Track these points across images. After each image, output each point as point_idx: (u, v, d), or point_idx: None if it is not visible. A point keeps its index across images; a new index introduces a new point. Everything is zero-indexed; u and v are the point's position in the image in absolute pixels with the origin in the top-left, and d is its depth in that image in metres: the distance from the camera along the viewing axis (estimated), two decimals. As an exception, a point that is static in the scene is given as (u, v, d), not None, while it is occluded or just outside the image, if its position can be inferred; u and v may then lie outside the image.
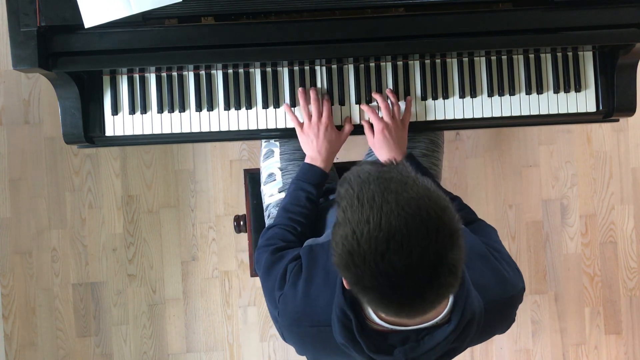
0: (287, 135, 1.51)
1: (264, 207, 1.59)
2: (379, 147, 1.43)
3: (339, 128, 1.47)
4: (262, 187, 1.60)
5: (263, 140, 1.62)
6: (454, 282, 0.89)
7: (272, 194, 1.55)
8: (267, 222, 1.56)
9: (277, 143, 1.57)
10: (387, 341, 1.03)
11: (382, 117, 1.42)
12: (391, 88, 1.47)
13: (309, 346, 1.15)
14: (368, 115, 1.44)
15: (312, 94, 1.44)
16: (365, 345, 1.02)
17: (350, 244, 0.85)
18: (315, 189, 1.40)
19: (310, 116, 1.43)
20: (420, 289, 0.86)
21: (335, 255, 0.89)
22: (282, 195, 1.53)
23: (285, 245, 1.28)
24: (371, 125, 1.44)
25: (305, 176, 1.40)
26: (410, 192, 0.86)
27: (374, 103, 1.47)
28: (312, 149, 1.42)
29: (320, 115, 1.43)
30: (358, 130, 1.48)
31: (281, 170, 1.55)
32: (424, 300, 0.88)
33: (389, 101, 1.45)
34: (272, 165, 1.57)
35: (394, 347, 1.02)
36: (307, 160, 1.43)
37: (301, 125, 1.44)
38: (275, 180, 1.55)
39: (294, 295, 1.12)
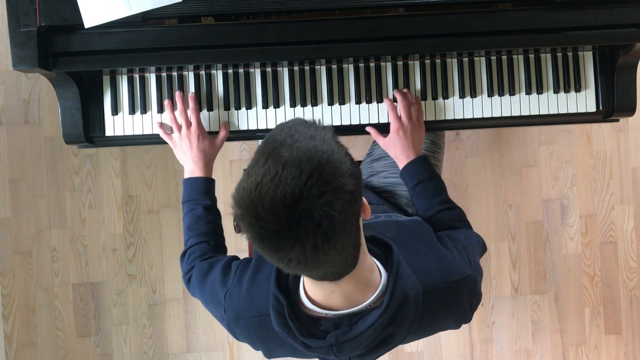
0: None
1: None
2: (392, 146, 1.43)
3: (342, 130, 1.47)
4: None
5: (259, 141, 1.62)
6: (323, 240, 0.87)
7: None
8: None
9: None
10: (320, 326, 1.03)
11: (399, 117, 1.42)
12: (408, 89, 1.47)
13: (256, 339, 1.15)
14: (388, 111, 1.44)
15: (179, 104, 1.42)
16: (296, 330, 1.03)
17: (243, 179, 0.89)
18: (207, 197, 1.39)
19: (179, 128, 1.42)
20: (279, 227, 0.86)
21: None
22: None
23: (210, 256, 1.29)
24: (378, 126, 1.44)
25: (192, 191, 1.39)
26: (309, 144, 0.89)
27: (375, 104, 1.47)
28: (188, 161, 1.41)
29: (189, 125, 1.41)
30: (358, 130, 1.48)
31: None
32: (283, 241, 0.87)
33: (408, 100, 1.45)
34: None
35: (326, 332, 1.03)
36: (186, 175, 1.41)
37: (171, 137, 1.43)
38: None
39: (239, 290, 1.13)
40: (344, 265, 0.96)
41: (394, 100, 1.46)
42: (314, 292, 1.03)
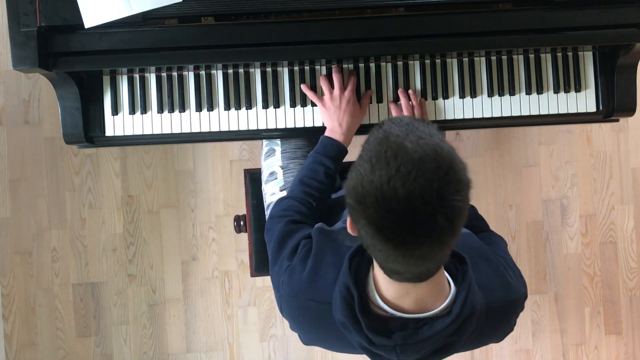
0: (287, 135, 1.51)
1: (265, 206, 1.59)
2: None
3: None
4: (264, 186, 1.60)
5: (263, 141, 1.62)
6: (448, 233, 0.88)
7: (274, 193, 1.55)
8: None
9: (279, 141, 1.57)
10: (386, 325, 1.03)
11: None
12: (412, 89, 1.47)
13: (305, 322, 1.15)
14: (392, 112, 1.45)
15: (335, 69, 1.44)
16: (364, 324, 1.02)
17: (364, 168, 0.88)
18: (333, 163, 1.39)
19: (331, 90, 1.43)
20: (414, 222, 0.86)
21: (349, 178, 0.91)
22: (284, 193, 1.53)
23: (299, 218, 1.28)
24: None
25: (324, 149, 1.39)
26: (433, 140, 0.89)
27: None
28: (333, 121, 1.41)
29: (342, 88, 1.43)
30: (360, 130, 1.48)
31: (282, 168, 1.55)
32: (415, 236, 0.87)
33: (411, 103, 1.46)
34: (273, 164, 1.56)
35: (392, 331, 1.03)
36: (327, 133, 1.42)
37: (322, 98, 1.44)
38: (276, 178, 1.55)
39: (302, 269, 1.13)
40: (437, 266, 0.96)
41: (397, 100, 1.46)
42: (387, 291, 1.02)
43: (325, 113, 1.43)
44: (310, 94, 1.45)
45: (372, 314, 1.03)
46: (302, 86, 1.46)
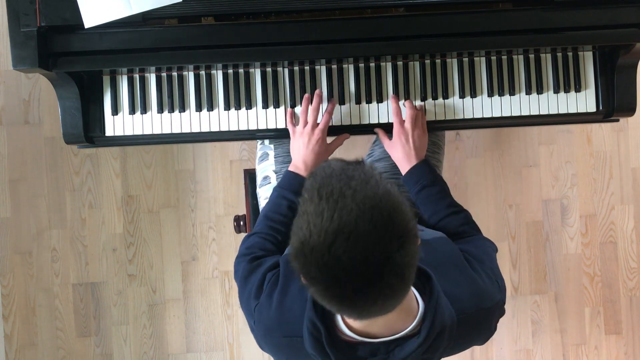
0: (286, 135, 1.51)
1: (260, 210, 1.59)
2: (395, 150, 1.43)
3: (337, 130, 1.46)
4: (258, 190, 1.60)
5: (258, 143, 1.62)
6: (401, 285, 0.89)
7: (267, 197, 1.55)
8: None
9: (272, 146, 1.57)
10: (356, 353, 1.03)
11: (403, 121, 1.42)
12: (417, 88, 1.47)
13: (283, 356, 1.15)
14: (392, 114, 1.44)
15: (314, 101, 1.43)
16: (334, 357, 1.02)
17: (303, 234, 0.87)
18: (296, 197, 1.37)
19: (305, 123, 1.42)
20: (362, 286, 0.86)
21: (291, 245, 0.90)
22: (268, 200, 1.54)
23: (263, 254, 1.28)
24: (385, 127, 1.45)
25: (287, 184, 1.39)
26: (369, 191, 0.87)
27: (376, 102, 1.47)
28: (299, 157, 1.41)
29: (314, 125, 1.42)
30: (360, 130, 1.48)
31: (276, 173, 1.55)
32: (366, 299, 0.88)
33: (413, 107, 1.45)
34: (267, 168, 1.57)
35: (364, 359, 1.03)
36: (291, 168, 1.42)
37: (294, 129, 1.44)
38: (270, 183, 1.55)
39: (269, 306, 1.13)
40: (399, 302, 0.95)
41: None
42: (354, 322, 1.02)
43: (294, 145, 1.43)
44: (288, 120, 1.45)
45: (342, 344, 1.03)
46: (287, 111, 1.45)
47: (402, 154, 1.41)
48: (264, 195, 1.57)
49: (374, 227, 0.85)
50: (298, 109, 1.47)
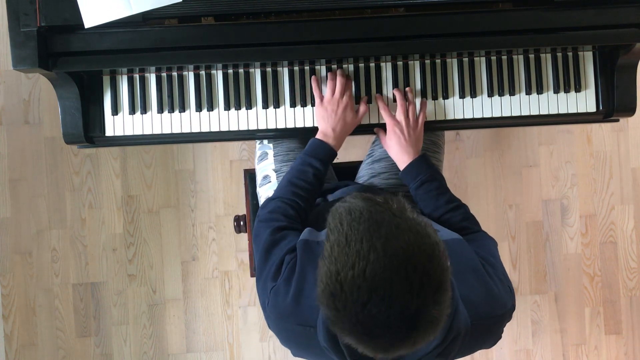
0: (287, 135, 1.51)
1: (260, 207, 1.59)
2: (389, 145, 1.43)
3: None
4: (258, 189, 1.60)
5: (257, 142, 1.62)
6: (432, 334, 0.88)
7: (268, 196, 1.55)
8: None
9: (271, 145, 1.57)
10: None
11: (394, 115, 1.42)
12: (411, 87, 1.46)
13: (293, 343, 1.14)
14: (380, 110, 1.44)
15: (339, 71, 1.43)
16: (347, 353, 1.02)
17: (333, 285, 0.85)
18: (322, 165, 1.37)
19: (333, 92, 1.42)
20: (397, 340, 0.86)
21: (319, 289, 0.89)
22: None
23: (286, 223, 1.26)
24: (385, 127, 1.45)
25: (314, 151, 1.38)
26: (400, 241, 0.84)
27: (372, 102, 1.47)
28: (327, 124, 1.40)
29: (342, 93, 1.42)
30: (361, 130, 1.48)
31: (275, 172, 1.55)
32: (399, 349, 0.88)
33: (407, 103, 1.45)
34: (266, 168, 1.56)
35: (376, 358, 1.01)
36: (318, 135, 1.41)
37: (322, 98, 1.43)
38: (270, 182, 1.55)
39: (286, 292, 1.11)
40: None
41: (394, 100, 1.46)
42: None
43: (321, 114, 1.42)
44: (316, 91, 1.44)
45: None
46: (313, 78, 1.45)
47: (398, 148, 1.41)
48: (264, 194, 1.56)
49: (410, 285, 0.83)
50: (297, 110, 1.47)
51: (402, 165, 1.41)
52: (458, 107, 1.48)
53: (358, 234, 0.85)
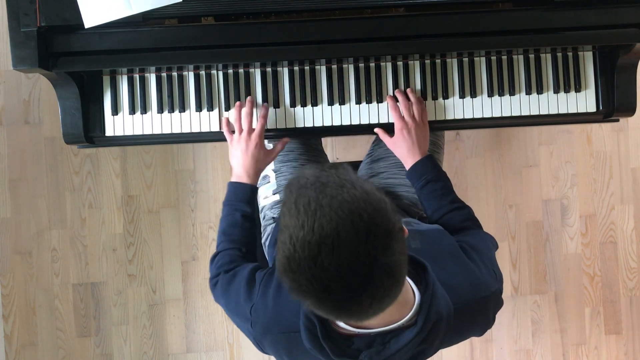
0: (287, 135, 1.51)
1: (259, 209, 1.59)
2: (398, 146, 1.43)
3: (338, 130, 1.46)
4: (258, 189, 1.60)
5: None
6: (393, 284, 0.89)
7: (267, 196, 1.55)
8: (263, 223, 1.56)
9: (271, 145, 1.57)
10: (352, 345, 1.02)
11: (402, 116, 1.42)
12: (411, 88, 1.46)
13: (283, 352, 1.15)
14: (390, 111, 1.44)
15: (247, 107, 1.42)
16: (330, 350, 1.02)
17: (287, 249, 0.86)
18: (248, 206, 1.38)
19: (241, 130, 1.41)
20: (354, 292, 0.86)
21: (277, 261, 0.90)
22: (277, 197, 1.53)
23: (235, 265, 1.28)
24: (380, 126, 1.44)
25: (235, 196, 1.39)
26: (345, 195, 0.86)
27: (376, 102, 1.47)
28: (239, 165, 1.41)
29: (250, 131, 1.41)
30: (361, 130, 1.48)
31: (275, 172, 1.55)
32: (360, 303, 0.88)
33: (409, 102, 1.45)
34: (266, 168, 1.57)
35: (359, 351, 1.02)
36: (233, 178, 1.41)
37: (231, 137, 1.43)
38: (269, 182, 1.55)
39: (265, 305, 1.12)
40: (395, 298, 0.95)
41: (396, 99, 1.46)
42: None
43: (232, 154, 1.42)
44: (224, 128, 1.44)
45: (337, 337, 1.03)
46: (223, 120, 1.44)
47: (405, 149, 1.41)
48: (263, 194, 1.57)
49: (356, 232, 0.84)
50: (297, 110, 1.47)
51: (408, 165, 1.42)
52: (458, 107, 1.48)
53: (305, 197, 0.87)
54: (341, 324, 1.02)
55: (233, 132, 1.43)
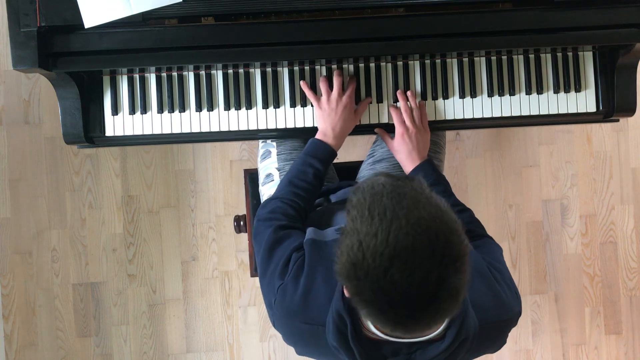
0: (287, 135, 1.51)
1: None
2: (398, 151, 1.43)
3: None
4: (260, 188, 1.60)
5: (260, 141, 1.62)
6: (453, 307, 0.88)
7: (271, 195, 1.55)
8: None
9: (274, 143, 1.57)
10: (380, 351, 1.02)
11: (403, 121, 1.42)
12: (412, 90, 1.46)
13: (299, 341, 1.14)
14: (393, 117, 1.44)
15: (336, 72, 1.42)
16: (357, 352, 1.02)
17: (355, 255, 0.85)
18: (323, 165, 1.37)
19: (329, 92, 1.41)
20: (417, 310, 0.86)
21: (339, 263, 0.88)
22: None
23: (287, 223, 1.25)
24: (386, 127, 1.44)
25: (314, 151, 1.38)
26: (422, 211, 0.85)
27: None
28: (327, 124, 1.40)
29: (341, 92, 1.41)
30: (361, 130, 1.48)
31: (279, 170, 1.55)
32: (418, 320, 0.87)
33: (409, 105, 1.45)
34: (269, 166, 1.56)
35: (385, 357, 1.02)
36: (318, 136, 1.40)
37: (319, 99, 1.42)
38: (273, 180, 1.55)
39: (294, 290, 1.11)
40: (449, 317, 0.95)
41: (395, 100, 1.46)
42: None
43: (320, 115, 1.42)
44: (308, 93, 1.44)
45: (365, 340, 1.02)
46: (302, 83, 1.44)
47: (405, 153, 1.42)
48: (267, 193, 1.56)
49: (432, 252, 0.83)
50: (297, 110, 1.47)
51: (407, 169, 1.42)
52: (458, 107, 1.48)
53: (381, 205, 0.86)
54: (373, 329, 1.01)
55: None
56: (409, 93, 1.45)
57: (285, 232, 1.22)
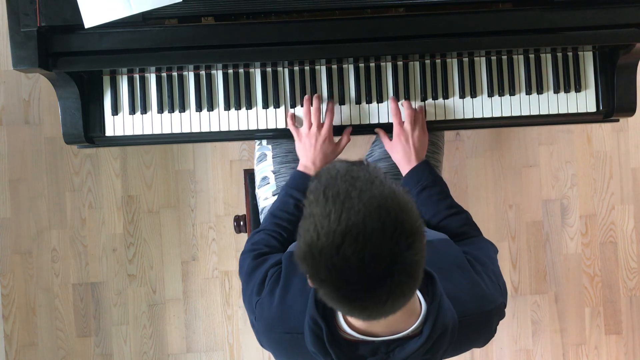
0: (287, 135, 1.51)
1: (259, 210, 1.59)
2: (395, 151, 1.44)
3: (338, 130, 1.47)
4: (257, 191, 1.60)
5: (256, 143, 1.62)
6: (410, 283, 0.89)
7: (267, 198, 1.55)
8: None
9: (270, 146, 1.57)
10: (357, 351, 1.03)
11: (403, 122, 1.42)
12: (417, 88, 1.46)
13: (283, 352, 1.15)
14: (392, 116, 1.44)
15: (314, 102, 1.43)
16: (334, 355, 1.02)
17: (310, 236, 0.87)
18: (303, 196, 1.38)
19: (310, 124, 1.43)
20: (372, 286, 0.86)
21: (297, 247, 0.90)
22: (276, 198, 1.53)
23: (268, 251, 1.28)
24: (386, 127, 1.44)
25: (295, 183, 1.39)
26: (374, 191, 0.87)
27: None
28: (307, 158, 1.41)
29: (319, 126, 1.42)
30: (359, 130, 1.48)
31: (274, 173, 1.55)
32: (376, 297, 0.88)
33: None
34: (265, 169, 1.57)
35: (364, 357, 1.03)
36: (299, 168, 1.42)
37: (299, 132, 1.44)
38: (269, 183, 1.55)
39: (270, 302, 1.13)
40: (404, 304, 0.95)
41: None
42: (356, 321, 1.02)
43: (301, 148, 1.43)
44: (290, 126, 1.45)
45: (342, 342, 1.03)
46: (288, 115, 1.46)
47: (402, 155, 1.42)
48: (263, 195, 1.56)
49: (382, 227, 0.85)
50: (297, 111, 1.48)
51: (404, 171, 1.42)
52: (458, 107, 1.48)
53: (335, 188, 0.88)
54: (347, 330, 1.02)
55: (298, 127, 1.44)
56: (404, 102, 1.45)
57: (264, 257, 1.25)
